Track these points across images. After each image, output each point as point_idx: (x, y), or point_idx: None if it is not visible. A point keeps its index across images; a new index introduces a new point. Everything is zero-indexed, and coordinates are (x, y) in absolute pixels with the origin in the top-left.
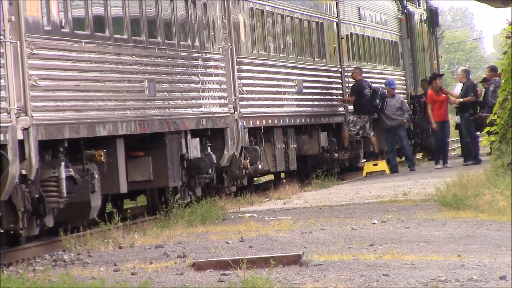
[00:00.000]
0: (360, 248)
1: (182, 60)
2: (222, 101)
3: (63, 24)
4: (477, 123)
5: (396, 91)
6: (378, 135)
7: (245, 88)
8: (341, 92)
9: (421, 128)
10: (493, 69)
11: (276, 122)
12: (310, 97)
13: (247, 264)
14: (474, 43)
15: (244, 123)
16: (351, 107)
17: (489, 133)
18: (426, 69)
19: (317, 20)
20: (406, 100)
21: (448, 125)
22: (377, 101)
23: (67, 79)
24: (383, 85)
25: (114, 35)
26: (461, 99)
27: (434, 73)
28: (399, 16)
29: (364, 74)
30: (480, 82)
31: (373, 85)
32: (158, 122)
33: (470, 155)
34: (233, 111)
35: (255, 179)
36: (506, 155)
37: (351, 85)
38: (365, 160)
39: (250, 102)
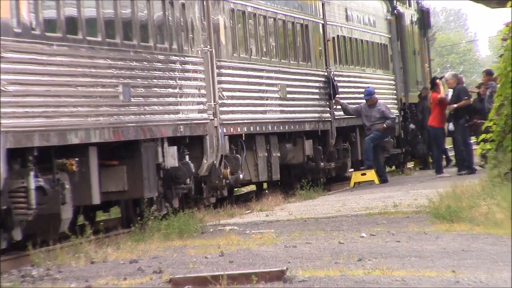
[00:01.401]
0: (347, 263)
1: (159, 64)
2: (201, 106)
3: (33, 26)
4: (471, 130)
5: (385, 96)
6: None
7: (225, 93)
8: (327, 97)
9: (414, 134)
10: (488, 73)
11: (258, 129)
12: (294, 102)
13: (227, 280)
14: (468, 46)
15: (224, 130)
16: (338, 113)
17: (484, 140)
18: (418, 73)
19: (302, 22)
20: (396, 106)
21: (444, 131)
22: None
23: (37, 84)
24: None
25: (87, 38)
26: (455, 105)
27: (435, 76)
28: (388, 17)
29: (351, 79)
30: (476, 87)
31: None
32: (133, 129)
33: (464, 164)
34: (212, 118)
35: (236, 189)
36: (503, 164)
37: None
38: (352, 170)
39: (231, 108)
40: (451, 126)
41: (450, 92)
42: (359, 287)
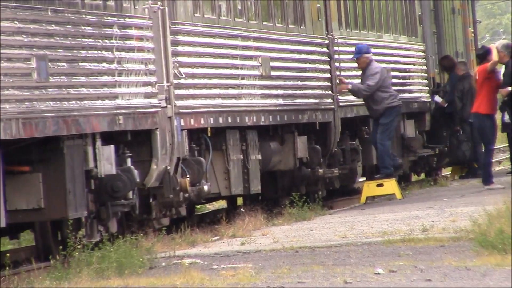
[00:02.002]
0: None
1: (89, 28)
2: (149, 89)
3: None
4: None
5: (410, 74)
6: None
7: (183, 70)
8: (328, 75)
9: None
10: None
11: (230, 120)
12: (282, 83)
13: None
14: None
15: (182, 123)
16: (343, 98)
17: None
18: (458, 40)
19: None
20: (427, 87)
21: (495, 122)
22: None
23: None
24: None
25: None
26: (510, 88)
27: (484, 46)
28: None
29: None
30: None
31: (378, 64)
32: (52, 120)
33: None
34: (165, 104)
35: (199, 206)
36: None
37: (342, 65)
38: (364, 179)
39: (191, 91)
40: (506, 117)
41: (502, 70)
42: None
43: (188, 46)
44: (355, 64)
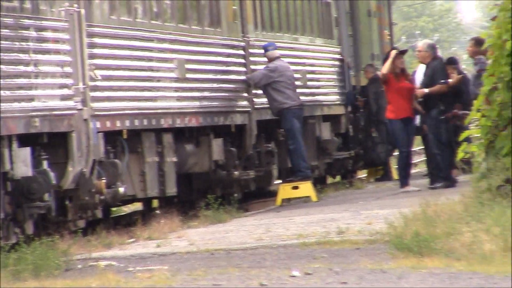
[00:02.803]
0: None
1: (6, 30)
2: (66, 91)
3: None
4: (450, 125)
5: (326, 76)
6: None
7: (99, 72)
8: (243, 77)
9: (366, 132)
10: (479, 43)
11: (145, 123)
12: (198, 85)
13: None
14: (447, 4)
15: (98, 125)
16: (259, 100)
17: (468, 140)
18: (374, 43)
19: None
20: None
21: (414, 126)
22: None
23: None
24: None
25: None
26: (426, 89)
27: (395, 47)
28: None
29: (279, 51)
30: (446, 63)
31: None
32: None
33: (440, 174)
34: (81, 107)
35: (115, 209)
36: (495, 173)
37: (259, 67)
38: (280, 181)
39: (107, 93)
40: (417, 121)
41: (420, 69)
42: None
43: (104, 48)
44: None
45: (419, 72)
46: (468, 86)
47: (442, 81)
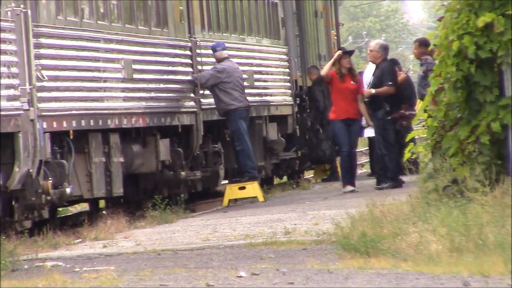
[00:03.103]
0: None
1: None
2: (12, 91)
3: None
4: (396, 125)
5: (273, 76)
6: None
7: (46, 73)
8: (191, 78)
9: (313, 130)
10: (423, 44)
11: (92, 123)
12: (144, 86)
13: None
14: (394, 5)
15: (45, 126)
16: (206, 101)
17: (413, 141)
18: (321, 43)
19: None
20: (289, 90)
21: (358, 127)
22: None
23: None
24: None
25: None
26: (373, 90)
27: (342, 47)
28: None
29: (227, 52)
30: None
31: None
32: None
33: (386, 174)
34: (27, 107)
35: (61, 209)
36: (441, 174)
37: (205, 67)
38: (227, 182)
39: (54, 94)
40: (363, 122)
41: (368, 69)
42: None
43: (51, 49)
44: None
45: (367, 72)
46: (412, 87)
47: (389, 83)
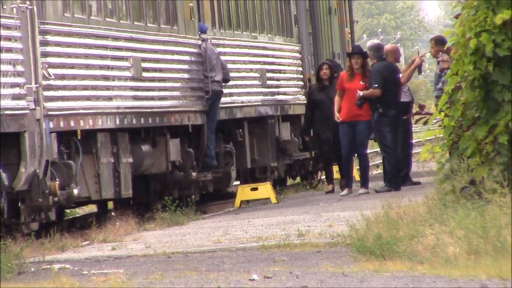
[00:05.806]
0: None
1: None
2: (17, 90)
3: None
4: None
5: (286, 75)
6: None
7: (52, 71)
8: (201, 77)
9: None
10: (439, 42)
11: (100, 123)
12: (153, 84)
13: None
14: (409, 2)
15: (51, 125)
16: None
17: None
18: (335, 41)
19: None
20: (302, 89)
21: (365, 128)
22: None
23: None
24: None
25: None
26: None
27: (356, 46)
28: None
29: (238, 50)
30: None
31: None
32: None
33: (385, 177)
34: (33, 107)
35: (68, 211)
36: (458, 175)
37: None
38: (239, 183)
39: (61, 93)
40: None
41: None
42: None
43: (57, 46)
44: (231, 64)
45: None
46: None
47: (375, 85)
